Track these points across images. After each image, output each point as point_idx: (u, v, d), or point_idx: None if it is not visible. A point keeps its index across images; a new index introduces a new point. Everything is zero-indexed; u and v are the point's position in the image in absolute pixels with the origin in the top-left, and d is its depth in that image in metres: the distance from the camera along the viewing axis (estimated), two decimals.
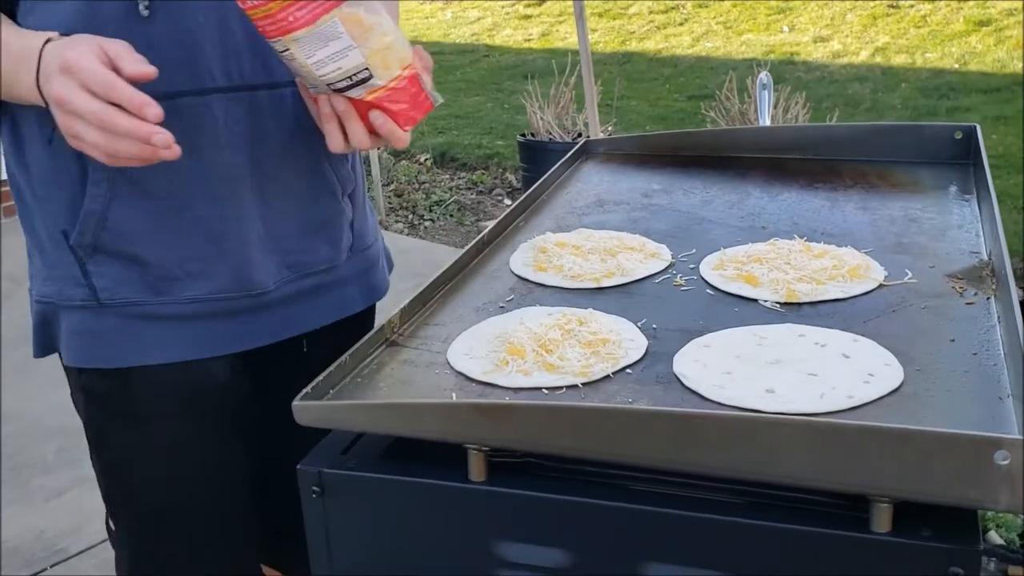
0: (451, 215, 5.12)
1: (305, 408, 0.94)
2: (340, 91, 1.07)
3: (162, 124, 1.00)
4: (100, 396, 1.22)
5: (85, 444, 1.29)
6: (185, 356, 1.20)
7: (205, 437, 1.25)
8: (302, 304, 1.26)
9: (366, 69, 1.05)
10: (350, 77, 1.05)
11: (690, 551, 0.86)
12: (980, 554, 0.80)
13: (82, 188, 1.12)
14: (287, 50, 1.03)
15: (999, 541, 2.29)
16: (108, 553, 2.45)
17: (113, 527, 1.33)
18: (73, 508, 2.62)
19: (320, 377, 0.98)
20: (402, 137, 1.10)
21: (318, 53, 1.03)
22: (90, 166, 1.11)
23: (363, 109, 1.08)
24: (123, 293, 1.16)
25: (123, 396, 1.21)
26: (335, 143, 1.10)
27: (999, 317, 1.06)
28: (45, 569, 2.43)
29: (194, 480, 1.26)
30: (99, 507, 1.36)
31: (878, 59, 7.30)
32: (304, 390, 0.96)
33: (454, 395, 0.99)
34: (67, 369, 1.24)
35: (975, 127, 1.58)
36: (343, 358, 1.03)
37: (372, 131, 1.09)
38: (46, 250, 1.18)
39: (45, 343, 1.23)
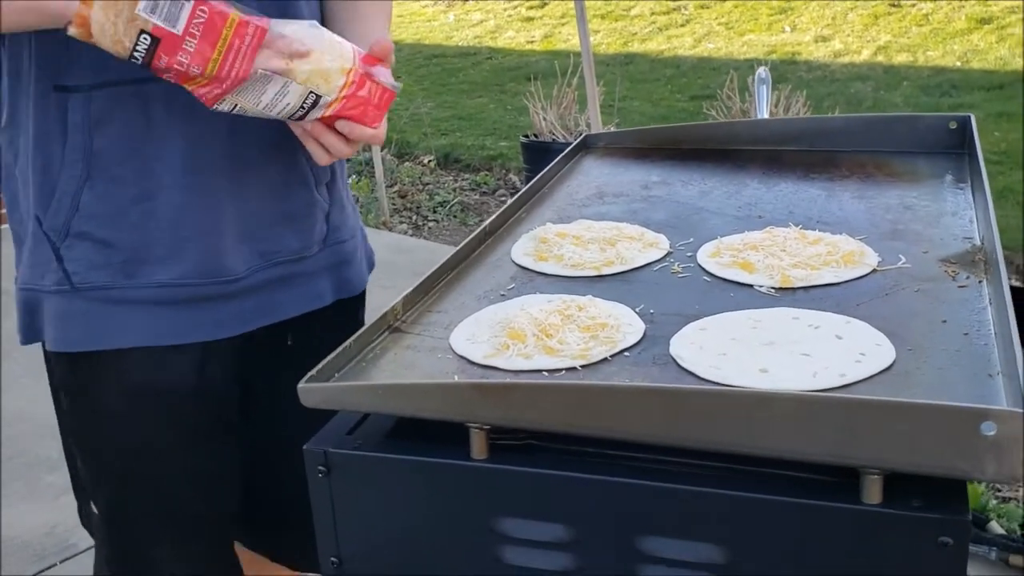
0: (455, 216, 5.15)
1: (311, 390, 0.97)
2: (301, 119, 1.13)
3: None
4: (76, 381, 1.24)
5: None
6: (153, 342, 1.20)
7: (178, 427, 1.26)
8: (272, 293, 1.28)
9: (311, 94, 1.10)
10: (301, 107, 1.11)
11: (685, 524, 0.89)
12: (969, 524, 0.82)
13: (59, 171, 1.14)
14: (235, 107, 1.10)
15: (1000, 531, 2.31)
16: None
17: (92, 512, 1.34)
18: None
19: (325, 361, 1.01)
20: (374, 134, 1.15)
21: (263, 99, 1.09)
22: (67, 148, 1.12)
23: (329, 122, 1.14)
24: (93, 277, 1.17)
25: (98, 381, 1.23)
26: (320, 158, 1.18)
27: (990, 299, 1.08)
28: (55, 564, 2.46)
29: (165, 470, 1.27)
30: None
31: (880, 58, 7.32)
32: (310, 372, 0.98)
33: (456, 377, 1.01)
34: (47, 356, 1.27)
35: (969, 117, 1.60)
36: (347, 343, 1.05)
37: (346, 138, 1.15)
38: (27, 237, 1.20)
39: (30, 331, 1.24)
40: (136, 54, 1.02)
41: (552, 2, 9.79)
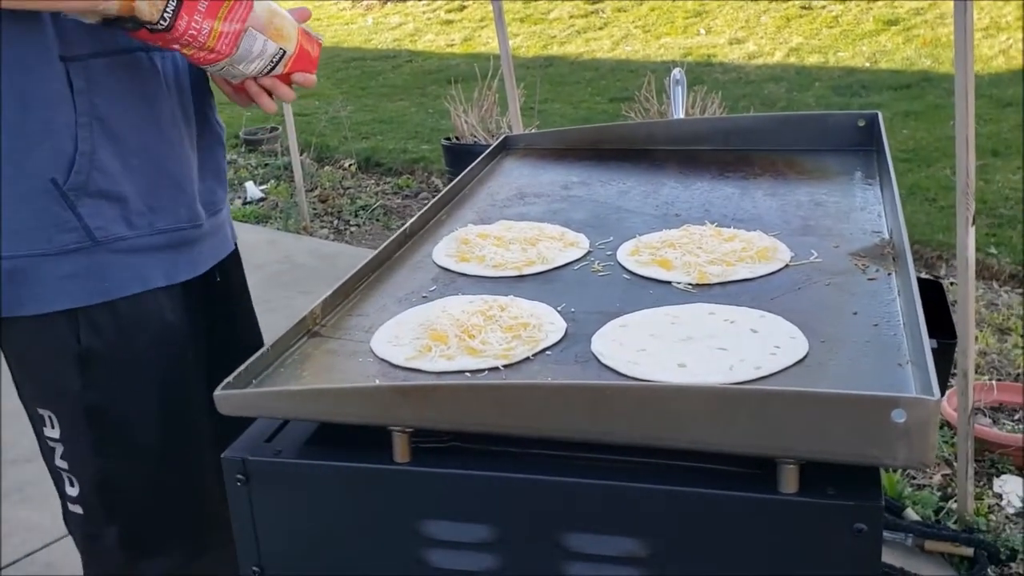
0: (377, 220, 5.11)
1: (228, 397, 0.95)
2: (268, 75, 1.25)
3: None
4: (98, 332, 1.23)
5: (4, 458, 1.27)
6: (160, 283, 1.27)
7: (177, 369, 1.30)
8: (214, 237, 1.38)
9: (280, 49, 1.23)
10: (271, 61, 1.23)
11: (607, 519, 0.89)
12: (882, 509, 0.84)
13: (73, 133, 1.17)
14: (222, 69, 1.22)
15: (915, 518, 2.38)
16: (33, 567, 2.41)
17: (78, 489, 1.29)
18: None
19: (242, 367, 0.99)
20: (314, 80, 1.30)
21: (247, 60, 1.21)
22: (78, 110, 1.17)
23: (285, 77, 1.27)
24: (112, 230, 1.22)
25: (118, 330, 1.24)
26: (268, 105, 1.29)
27: (899, 291, 1.12)
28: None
29: (174, 413, 1.29)
30: (24, 520, 1.33)
31: (792, 59, 7.49)
32: (226, 379, 0.96)
33: (378, 381, 1.01)
34: (46, 317, 1.21)
35: (876, 115, 1.65)
36: (264, 349, 1.04)
37: (289, 84, 1.28)
38: (18, 204, 1.17)
39: (11, 301, 1.20)
40: (165, 16, 1.12)
41: (470, 4, 9.80)
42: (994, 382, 2.89)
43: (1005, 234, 4.18)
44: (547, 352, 1.05)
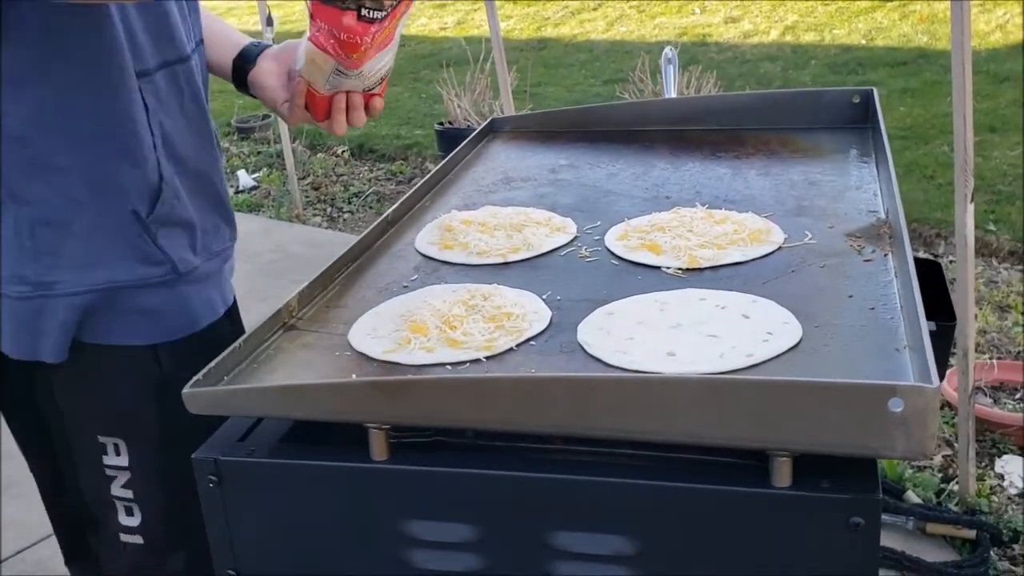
0: (370, 206, 5.06)
1: (197, 395, 0.91)
2: (367, 91, 1.19)
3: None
4: (178, 360, 1.15)
5: None
6: (221, 309, 1.24)
7: None
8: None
9: (388, 67, 1.19)
10: (380, 78, 1.18)
11: (595, 516, 0.86)
12: (879, 503, 0.80)
13: (152, 159, 1.11)
14: (344, 75, 1.14)
15: (916, 500, 2.35)
16: (23, 564, 2.38)
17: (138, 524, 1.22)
18: None
19: (212, 363, 0.95)
20: (381, 104, 1.25)
21: (372, 72, 1.15)
22: (153, 132, 1.11)
23: (367, 98, 1.21)
24: (189, 260, 1.17)
25: (194, 357, 1.10)
26: (341, 126, 1.22)
27: (895, 272, 1.08)
28: None
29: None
30: (13, 518, 1.30)
31: (788, 38, 7.42)
32: (195, 377, 0.92)
33: (354, 376, 0.97)
34: (117, 349, 1.14)
35: (871, 91, 1.61)
36: (236, 343, 1.00)
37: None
38: (100, 236, 1.10)
39: (73, 337, 1.12)
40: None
41: None
42: (994, 361, 2.86)
43: (1004, 210, 4.13)
44: (531, 342, 1.01)
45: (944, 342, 1.12)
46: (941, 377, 0.81)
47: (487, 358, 0.98)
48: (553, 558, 0.88)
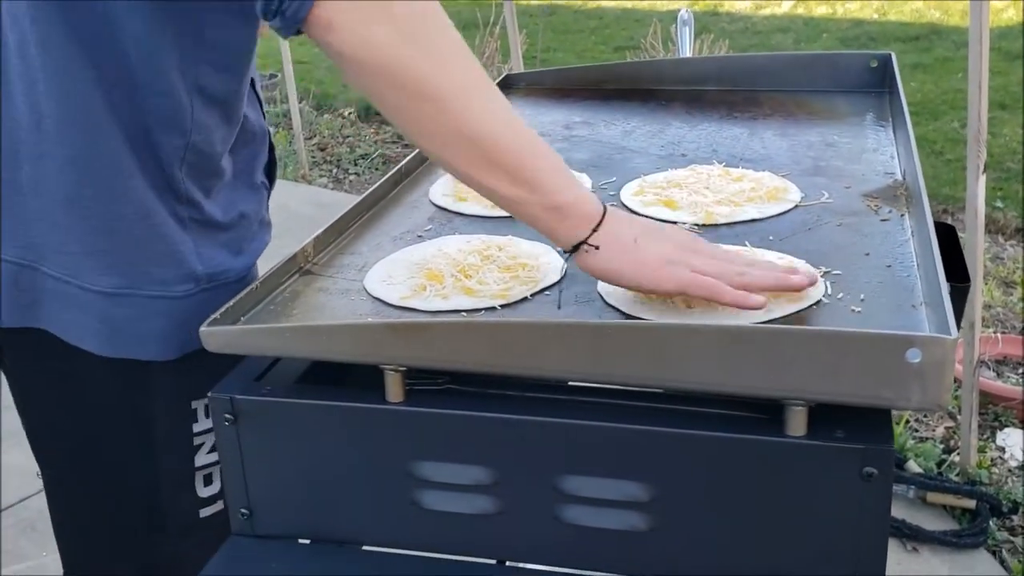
0: (376, 168, 5.05)
1: (214, 333, 0.91)
2: None
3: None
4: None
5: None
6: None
7: None
8: None
9: None
10: None
11: (607, 461, 0.86)
12: (892, 453, 0.81)
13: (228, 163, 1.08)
14: None
15: (917, 470, 2.36)
16: (27, 512, 2.40)
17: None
18: None
19: (230, 303, 0.95)
20: None
21: None
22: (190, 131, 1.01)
23: None
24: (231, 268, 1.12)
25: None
26: None
27: (912, 232, 1.07)
28: None
29: None
30: (17, 465, 1.27)
31: (800, 10, 7.37)
32: (212, 316, 0.93)
33: (370, 319, 0.97)
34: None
35: (890, 55, 1.60)
36: (253, 285, 1.00)
37: None
38: (186, 237, 1.04)
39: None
40: None
41: None
42: (999, 335, 2.86)
43: (1012, 188, 4.12)
44: (546, 292, 1.01)
45: (958, 304, 1.11)
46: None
47: (502, 306, 0.98)
48: (565, 502, 0.88)
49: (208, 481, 1.14)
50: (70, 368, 1.07)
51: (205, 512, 1.15)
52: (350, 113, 5.87)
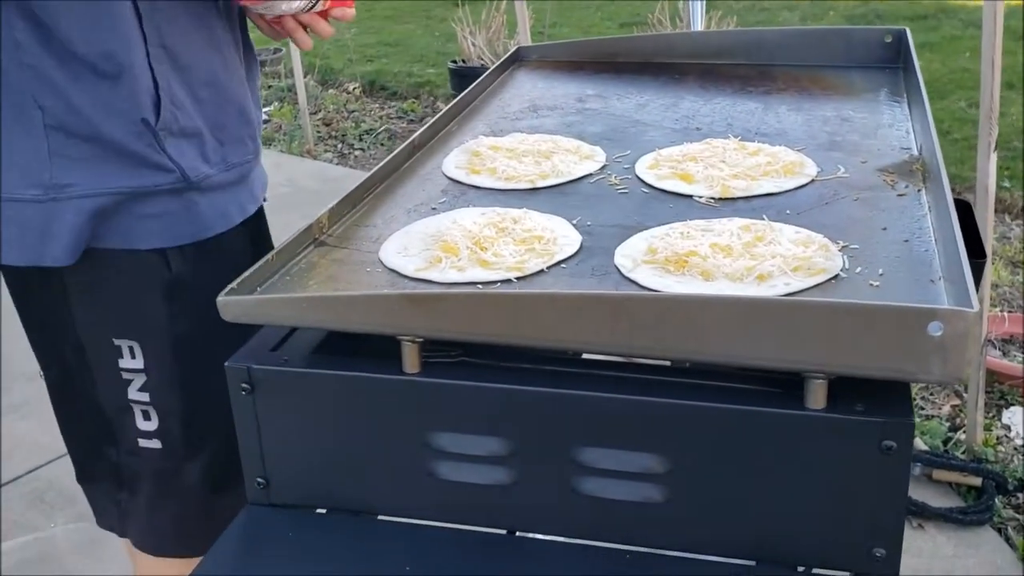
0: (382, 144, 5.04)
1: (230, 303, 0.91)
2: (308, 11, 1.23)
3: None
4: (187, 263, 1.19)
5: (11, 370, 1.24)
6: (237, 220, 1.24)
7: None
8: (261, 167, 1.34)
9: None
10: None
11: (624, 434, 0.86)
12: (912, 426, 0.81)
13: (147, 67, 1.11)
14: (266, 6, 1.19)
15: (924, 447, 2.36)
16: (36, 483, 2.41)
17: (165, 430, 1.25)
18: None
19: (246, 273, 0.95)
20: (353, 13, 1.28)
21: None
22: (149, 43, 1.11)
23: (324, 13, 1.25)
24: (199, 169, 1.17)
25: (204, 264, 1.20)
26: (305, 41, 1.26)
27: (929, 207, 1.07)
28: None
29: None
30: (26, 436, 1.30)
31: None
32: (230, 286, 0.92)
33: (387, 291, 0.97)
34: (126, 253, 1.16)
35: (905, 30, 1.59)
36: (269, 255, 1.00)
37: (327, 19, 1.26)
38: (111, 146, 1.11)
39: (99, 238, 1.14)
40: None
41: None
42: (1005, 314, 2.86)
43: (1018, 167, 4.11)
44: (562, 265, 1.01)
45: (976, 278, 1.11)
46: None
47: (518, 279, 0.98)
48: (581, 474, 0.88)
49: (147, 416, 1.24)
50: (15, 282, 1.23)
51: (144, 443, 1.25)
52: (355, 88, 5.85)
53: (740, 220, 1.04)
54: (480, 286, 0.97)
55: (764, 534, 0.86)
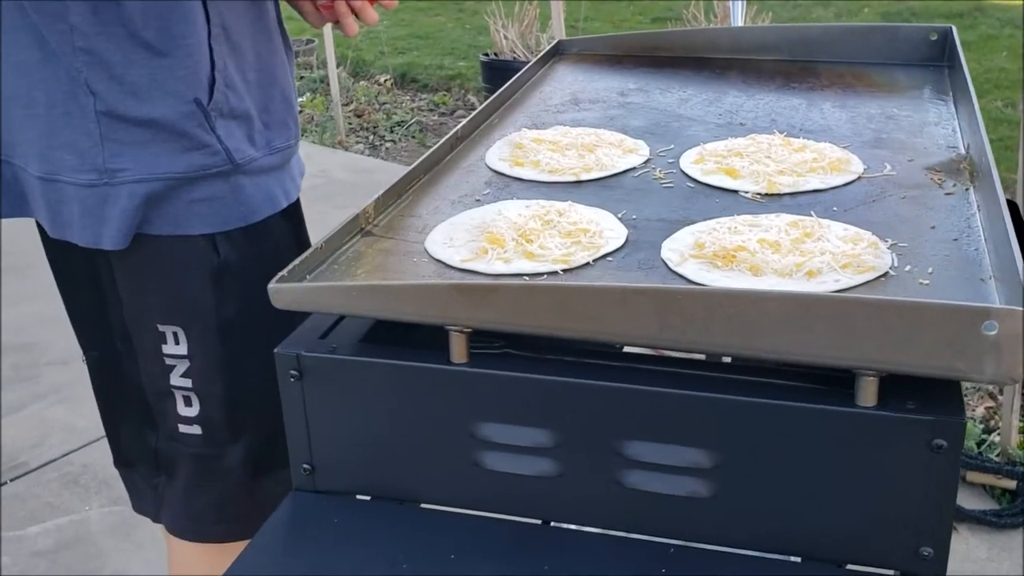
0: (413, 136, 5.05)
1: (282, 291, 0.92)
2: None
3: None
4: (235, 248, 1.20)
5: (41, 360, 1.25)
6: (283, 204, 1.26)
7: None
8: (298, 152, 1.37)
9: None
10: None
11: (672, 428, 0.86)
12: (963, 425, 0.80)
13: (207, 48, 1.13)
14: None
15: None
16: (70, 467, 2.45)
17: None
18: (35, 422, 2.59)
19: (296, 262, 0.96)
20: (395, 2, 1.30)
21: None
22: (212, 23, 1.13)
23: None
24: (245, 152, 1.19)
25: (251, 249, 1.21)
26: (351, 27, 1.28)
27: (978, 206, 1.06)
28: (4, 483, 2.41)
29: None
30: (61, 421, 1.32)
31: None
32: (280, 273, 0.93)
33: (435, 280, 0.97)
34: (175, 239, 1.17)
35: (951, 28, 1.57)
36: (317, 244, 1.01)
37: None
38: (161, 127, 1.12)
39: (147, 223, 1.16)
40: None
41: None
42: None
43: None
44: (608, 258, 1.01)
45: None
46: None
47: (564, 271, 0.98)
48: (627, 467, 0.89)
49: (188, 403, 1.25)
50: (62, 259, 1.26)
51: (184, 429, 1.26)
52: (386, 80, 5.87)
53: (788, 216, 1.04)
54: (526, 278, 0.97)
55: (810, 531, 0.86)
